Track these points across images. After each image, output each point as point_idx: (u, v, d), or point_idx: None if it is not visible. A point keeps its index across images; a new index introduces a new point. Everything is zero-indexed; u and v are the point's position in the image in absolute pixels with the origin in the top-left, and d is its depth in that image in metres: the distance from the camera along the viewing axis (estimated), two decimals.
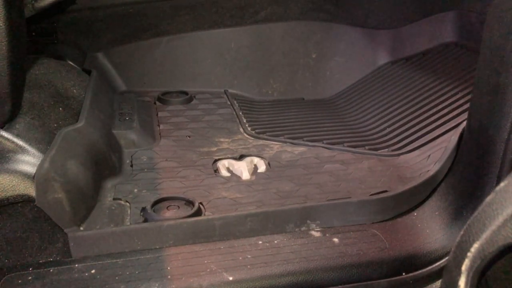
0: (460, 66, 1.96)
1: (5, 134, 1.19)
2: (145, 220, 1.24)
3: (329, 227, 1.24)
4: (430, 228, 1.24)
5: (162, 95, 2.06)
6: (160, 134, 1.74)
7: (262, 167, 1.55)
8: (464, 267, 0.63)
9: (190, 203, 1.31)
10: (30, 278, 1.06)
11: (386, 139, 1.72)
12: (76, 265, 1.10)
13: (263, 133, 1.79)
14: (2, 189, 1.13)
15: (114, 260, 1.12)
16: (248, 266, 1.10)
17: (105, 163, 1.42)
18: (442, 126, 1.59)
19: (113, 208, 1.30)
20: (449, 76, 1.90)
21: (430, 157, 1.46)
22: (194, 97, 2.09)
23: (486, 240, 0.60)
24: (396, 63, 2.20)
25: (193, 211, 1.26)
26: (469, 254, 0.62)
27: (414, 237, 1.21)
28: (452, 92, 1.78)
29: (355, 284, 1.13)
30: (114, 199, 1.34)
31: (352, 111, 2.02)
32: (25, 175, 1.15)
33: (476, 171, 1.17)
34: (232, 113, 1.95)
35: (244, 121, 1.89)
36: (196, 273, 1.08)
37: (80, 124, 1.39)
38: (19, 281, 1.05)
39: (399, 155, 1.59)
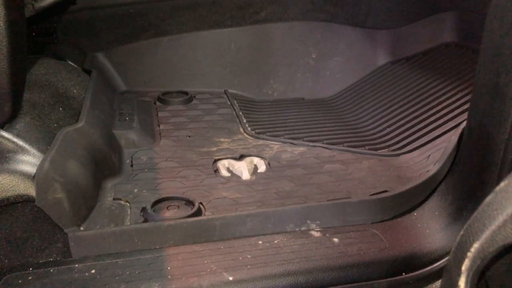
0: (460, 66, 1.96)
1: (5, 134, 1.19)
2: (145, 220, 1.24)
3: (329, 227, 1.24)
4: (430, 228, 1.24)
5: (162, 95, 2.06)
6: (160, 134, 1.74)
7: (262, 167, 1.55)
8: (464, 267, 0.63)
9: (190, 203, 1.31)
10: (30, 278, 1.06)
11: (386, 139, 1.72)
12: (76, 265, 1.10)
13: (263, 133, 1.79)
14: (2, 189, 1.13)
15: (114, 260, 1.12)
16: (248, 266, 1.10)
17: (105, 163, 1.42)
18: (442, 126, 1.59)
19: (113, 208, 1.30)
20: (449, 76, 1.90)
21: (430, 157, 1.46)
22: (194, 97, 2.09)
23: (486, 240, 0.60)
24: (396, 63, 2.20)
25: (193, 211, 1.26)
26: (469, 254, 0.62)
27: (414, 237, 1.21)
28: (452, 92, 1.78)
29: (355, 284, 1.13)
30: (114, 199, 1.34)
31: (352, 111, 2.02)
32: (25, 175, 1.15)
33: (476, 171, 1.17)
34: (232, 113, 1.95)
35: (244, 121, 1.89)
36: (196, 273, 1.08)
37: (80, 124, 1.39)
38: (19, 281, 1.05)
39: (399, 155, 1.59)
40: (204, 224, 1.19)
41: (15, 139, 1.19)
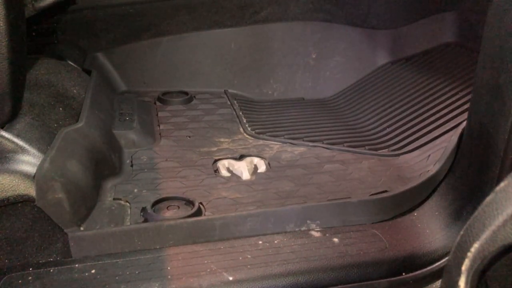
0: (460, 66, 1.96)
1: (5, 134, 1.19)
2: (145, 220, 1.24)
3: (329, 227, 1.24)
4: (430, 228, 1.24)
5: (162, 95, 2.06)
6: (160, 134, 1.74)
7: (262, 167, 1.55)
8: (464, 267, 0.63)
9: (190, 203, 1.31)
10: (30, 278, 1.06)
11: (386, 139, 1.72)
12: (76, 265, 1.10)
13: (263, 133, 1.79)
14: (2, 189, 1.13)
15: (114, 260, 1.12)
16: (248, 266, 1.10)
17: (105, 163, 1.42)
18: (442, 126, 1.59)
19: (113, 208, 1.30)
20: (449, 76, 1.90)
21: (430, 157, 1.46)
22: (194, 97, 2.09)
23: (486, 240, 0.60)
24: (396, 63, 2.20)
25: (193, 211, 1.26)
26: (469, 254, 0.62)
27: (414, 237, 1.21)
28: (452, 92, 1.78)
29: (355, 284, 1.13)
30: (114, 199, 1.34)
31: (352, 111, 2.02)
32: (25, 175, 1.15)
33: (476, 171, 1.17)
34: (232, 113, 1.95)
35: (244, 121, 1.89)
36: (196, 273, 1.08)
37: (80, 124, 1.39)
38: (19, 281, 1.05)
39: (399, 155, 1.59)
40: (204, 224, 1.19)
41: (15, 139, 1.19)
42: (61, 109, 1.45)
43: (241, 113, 1.95)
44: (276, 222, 1.23)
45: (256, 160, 1.59)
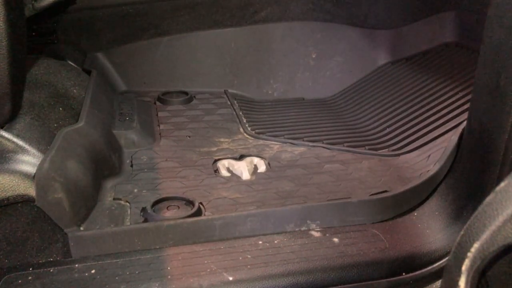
0: (460, 66, 1.96)
1: (5, 134, 1.19)
2: (145, 220, 1.24)
3: (329, 227, 1.24)
4: (430, 228, 1.24)
5: (162, 95, 2.06)
6: (160, 134, 1.74)
7: (262, 167, 1.55)
8: (464, 267, 0.63)
9: (190, 203, 1.31)
10: (30, 278, 1.06)
11: (386, 139, 1.72)
12: (76, 265, 1.10)
13: (263, 133, 1.79)
14: (2, 189, 1.13)
15: (114, 260, 1.12)
16: (248, 266, 1.10)
17: (105, 163, 1.42)
18: (442, 126, 1.59)
19: (113, 208, 1.30)
20: (449, 76, 1.90)
21: (430, 157, 1.46)
22: (194, 97, 2.09)
23: (486, 240, 0.60)
24: (396, 63, 2.20)
25: (193, 211, 1.26)
26: (469, 254, 0.62)
27: (414, 237, 1.21)
28: (452, 92, 1.78)
29: (355, 284, 1.13)
30: (114, 199, 1.34)
31: (352, 111, 2.02)
32: (25, 175, 1.15)
33: (476, 171, 1.17)
34: (232, 113, 1.95)
35: (244, 121, 1.89)
36: (196, 273, 1.08)
37: (80, 124, 1.39)
38: (19, 281, 1.05)
39: (399, 155, 1.59)
40: (204, 224, 1.19)
41: (15, 139, 1.19)
42: (61, 109, 1.45)
43: (241, 113, 1.95)
44: (276, 222, 1.23)
45: (256, 160, 1.59)
